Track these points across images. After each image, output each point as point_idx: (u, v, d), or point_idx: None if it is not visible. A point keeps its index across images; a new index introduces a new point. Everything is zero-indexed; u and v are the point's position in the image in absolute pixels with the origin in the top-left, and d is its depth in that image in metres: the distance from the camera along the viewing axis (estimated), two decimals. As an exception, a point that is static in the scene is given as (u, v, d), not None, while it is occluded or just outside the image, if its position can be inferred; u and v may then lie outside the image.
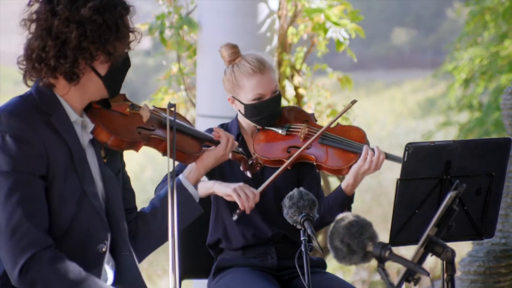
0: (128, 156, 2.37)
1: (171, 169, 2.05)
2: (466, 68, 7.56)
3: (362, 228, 1.93)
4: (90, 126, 2.20)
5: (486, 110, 7.52)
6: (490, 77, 7.49)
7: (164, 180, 2.91)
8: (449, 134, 8.95)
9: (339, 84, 4.72)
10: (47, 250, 2.00)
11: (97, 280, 2.08)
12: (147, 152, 2.43)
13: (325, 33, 4.41)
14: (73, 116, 2.15)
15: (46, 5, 2.08)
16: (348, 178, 2.89)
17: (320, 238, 4.89)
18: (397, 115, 13.88)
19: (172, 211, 2.06)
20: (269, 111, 2.94)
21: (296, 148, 2.95)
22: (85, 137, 2.18)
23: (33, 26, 2.09)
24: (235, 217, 2.84)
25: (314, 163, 2.94)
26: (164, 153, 2.28)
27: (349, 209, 2.92)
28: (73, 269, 2.03)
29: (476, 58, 7.48)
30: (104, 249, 2.15)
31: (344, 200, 2.90)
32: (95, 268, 2.13)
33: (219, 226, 2.95)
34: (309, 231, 2.41)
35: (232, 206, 2.88)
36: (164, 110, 2.34)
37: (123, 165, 2.36)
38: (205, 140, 2.43)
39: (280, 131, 2.98)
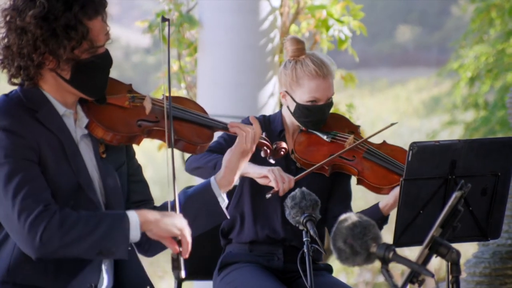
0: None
1: (170, 158, 2.04)
2: (471, 66, 7.56)
3: (365, 228, 1.93)
4: (84, 120, 2.20)
5: (492, 108, 7.52)
6: (496, 75, 7.49)
7: (205, 163, 2.85)
8: (454, 133, 8.95)
9: (343, 82, 4.72)
10: (54, 216, 2.02)
11: (110, 213, 2.10)
12: (147, 152, 2.43)
13: (327, 30, 4.41)
14: (61, 109, 2.16)
15: (8, 9, 2.11)
16: (389, 198, 2.85)
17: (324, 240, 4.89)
18: (401, 114, 13.88)
19: (174, 203, 2.08)
20: (318, 116, 2.92)
21: (339, 158, 2.90)
22: (78, 131, 2.19)
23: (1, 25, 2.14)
24: (268, 196, 2.82)
25: (356, 177, 2.92)
26: (169, 145, 2.20)
27: (380, 229, 2.90)
28: (84, 218, 2.04)
29: (481, 56, 7.48)
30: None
31: (379, 220, 2.85)
32: (94, 264, 2.14)
33: (237, 214, 2.95)
34: (311, 232, 2.40)
35: (257, 194, 2.87)
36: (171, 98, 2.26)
37: (132, 155, 2.33)
38: (217, 128, 2.35)
39: (325, 137, 2.96)
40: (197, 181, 4.51)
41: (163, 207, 2.29)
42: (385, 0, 16.00)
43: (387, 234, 2.41)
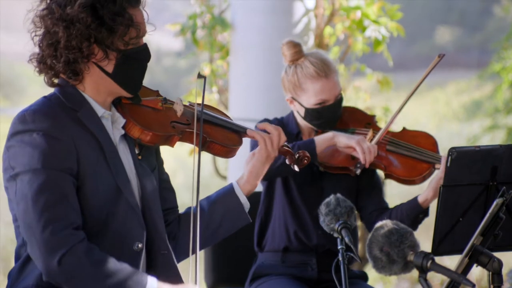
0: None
1: (198, 160, 2.07)
2: (514, 69, 7.46)
3: (402, 236, 1.92)
4: (121, 121, 2.23)
5: (535, 112, 7.41)
6: (540, 77, 7.38)
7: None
8: (496, 138, 8.83)
9: (379, 86, 4.69)
10: (82, 243, 2.04)
11: (133, 270, 2.10)
12: (178, 157, 2.45)
13: (363, 32, 4.38)
14: (100, 110, 2.20)
15: (48, 4, 2.15)
16: (428, 192, 2.84)
17: (358, 247, 4.87)
18: (440, 118, 13.74)
19: (197, 212, 2.10)
20: (330, 116, 2.91)
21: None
22: (116, 133, 2.22)
23: (40, 25, 2.17)
24: (358, 171, 2.82)
25: (384, 172, 2.90)
26: (198, 145, 2.24)
27: (419, 223, 2.88)
28: (109, 259, 2.07)
29: (525, 58, 7.37)
30: (140, 246, 2.19)
31: (419, 214, 2.85)
32: (132, 267, 2.15)
33: (268, 220, 2.96)
34: (346, 240, 2.40)
35: (288, 199, 2.88)
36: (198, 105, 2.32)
37: (161, 162, 2.38)
38: (243, 133, 2.40)
39: None
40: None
41: (186, 214, 2.34)
42: (423, 0, 15.88)
43: (425, 242, 2.39)
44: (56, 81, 2.18)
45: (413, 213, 2.84)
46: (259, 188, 3.25)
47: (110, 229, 2.15)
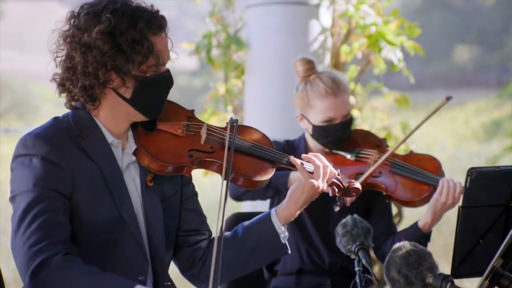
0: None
1: (224, 192, 1.95)
2: (534, 87, 7.43)
3: (420, 258, 1.91)
4: (133, 146, 2.21)
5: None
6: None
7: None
8: (517, 159, 8.78)
9: (396, 105, 4.69)
10: (58, 256, 2.00)
11: (113, 275, 2.02)
12: (194, 179, 2.41)
13: (379, 52, 4.39)
14: (110, 138, 2.18)
15: (70, 26, 2.14)
16: (426, 216, 2.84)
17: (376, 268, 4.84)
18: (459, 137, 13.68)
19: (220, 242, 1.97)
20: (337, 135, 2.93)
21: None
22: (125, 159, 2.20)
23: (62, 47, 2.17)
24: (337, 209, 2.82)
25: (384, 193, 2.91)
26: (225, 177, 2.11)
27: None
28: (86, 270, 1.99)
29: (545, 77, 7.35)
30: (141, 278, 2.15)
31: (420, 238, 2.84)
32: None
33: None
34: (364, 261, 2.38)
35: (299, 221, 2.87)
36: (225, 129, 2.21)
37: (185, 181, 2.31)
38: (279, 162, 2.27)
39: (348, 156, 2.97)
40: (243, 207, 4.53)
41: (231, 241, 2.25)
42: (442, 18, 15.88)
43: (445, 264, 2.38)
44: (74, 104, 2.18)
45: (414, 238, 2.83)
46: (263, 208, 3.24)
47: (112, 260, 2.12)
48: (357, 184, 2.37)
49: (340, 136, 2.93)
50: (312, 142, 3.00)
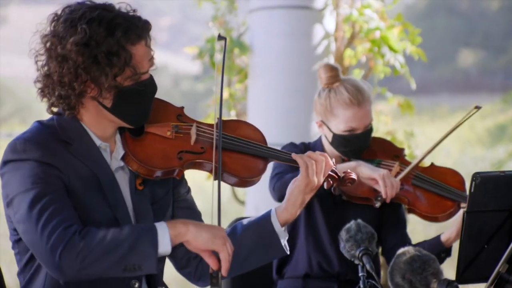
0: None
1: (216, 192, 1.95)
2: (540, 92, 7.42)
3: (425, 263, 1.90)
4: (121, 152, 2.18)
5: (562, 137, 7.35)
6: None
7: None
8: (522, 163, 8.76)
9: (400, 110, 4.68)
10: (76, 234, 1.97)
11: (135, 227, 2.01)
12: (196, 182, 2.40)
13: (382, 58, 4.39)
14: (97, 141, 2.16)
15: (50, 32, 2.10)
16: (451, 231, 2.82)
17: (381, 274, 4.83)
18: (463, 142, 13.66)
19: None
20: (358, 145, 2.90)
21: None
22: (114, 163, 2.18)
23: (42, 51, 2.13)
24: (378, 204, 2.80)
25: (406, 206, 2.88)
26: (215, 177, 2.10)
27: (441, 262, 2.84)
28: (108, 232, 1.98)
29: (551, 81, 7.34)
30: (136, 285, 2.14)
31: (441, 253, 2.82)
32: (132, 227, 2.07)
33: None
34: (368, 267, 2.38)
35: (311, 225, 2.86)
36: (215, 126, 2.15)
37: (177, 181, 2.28)
38: (279, 159, 2.23)
39: None
40: (246, 212, 4.53)
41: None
42: (446, 22, 15.88)
43: (449, 270, 2.37)
44: (55, 110, 2.16)
45: (434, 251, 2.81)
46: None
47: None
48: (353, 175, 2.34)
49: (360, 146, 2.91)
50: (329, 148, 2.97)
